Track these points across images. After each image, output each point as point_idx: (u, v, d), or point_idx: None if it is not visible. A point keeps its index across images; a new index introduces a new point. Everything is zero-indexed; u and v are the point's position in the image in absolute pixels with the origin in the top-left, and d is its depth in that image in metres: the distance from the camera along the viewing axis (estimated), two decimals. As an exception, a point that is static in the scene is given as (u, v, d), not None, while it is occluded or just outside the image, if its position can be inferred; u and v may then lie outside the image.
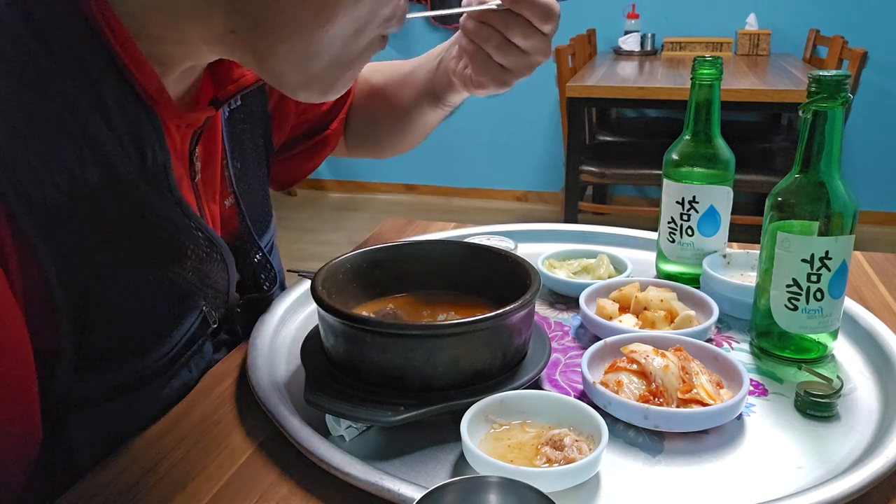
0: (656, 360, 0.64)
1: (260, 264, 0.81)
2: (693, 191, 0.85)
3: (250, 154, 0.81)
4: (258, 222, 0.82)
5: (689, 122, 0.86)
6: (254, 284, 0.81)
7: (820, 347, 0.73)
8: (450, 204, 4.38)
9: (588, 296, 0.81)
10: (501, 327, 0.63)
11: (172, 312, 0.66)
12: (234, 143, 0.77)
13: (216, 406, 0.68)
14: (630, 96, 2.85)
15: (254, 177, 0.82)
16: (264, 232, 0.83)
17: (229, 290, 0.74)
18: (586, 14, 3.92)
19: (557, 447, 0.56)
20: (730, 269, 0.87)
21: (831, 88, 0.66)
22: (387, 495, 0.53)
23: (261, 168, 0.84)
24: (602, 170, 2.96)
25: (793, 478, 0.57)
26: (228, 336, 0.77)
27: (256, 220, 0.81)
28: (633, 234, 1.04)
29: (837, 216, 0.68)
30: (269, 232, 0.84)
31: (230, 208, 0.77)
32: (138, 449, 0.62)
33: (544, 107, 4.08)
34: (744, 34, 3.65)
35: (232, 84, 0.69)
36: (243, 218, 0.78)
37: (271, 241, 0.85)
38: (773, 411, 0.65)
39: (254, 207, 0.81)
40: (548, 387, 0.70)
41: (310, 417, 0.63)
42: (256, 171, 0.83)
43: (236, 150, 0.78)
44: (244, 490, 0.57)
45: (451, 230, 1.08)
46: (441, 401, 0.60)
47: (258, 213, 0.82)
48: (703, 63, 0.83)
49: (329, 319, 0.64)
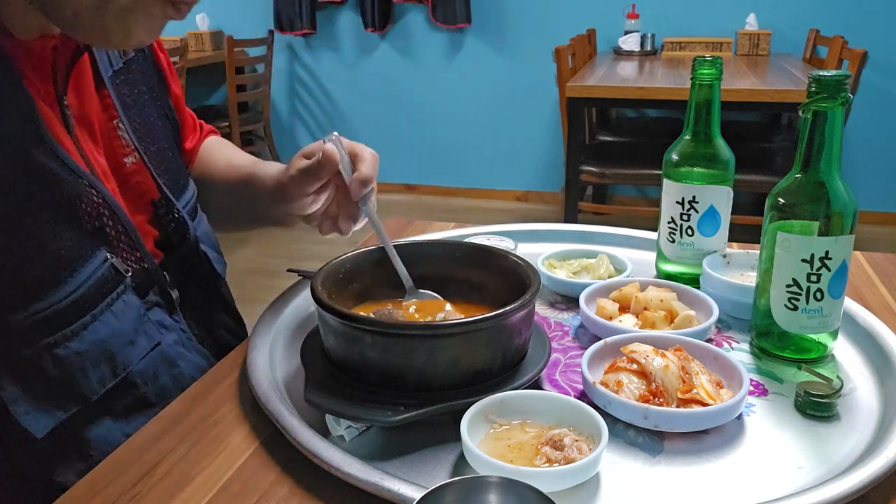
0: (656, 360, 0.64)
1: (181, 224, 0.83)
2: (693, 191, 0.85)
3: (152, 117, 0.84)
4: (174, 183, 0.84)
5: (689, 122, 0.86)
6: (179, 244, 0.83)
7: (820, 347, 0.73)
8: (450, 204, 4.38)
9: (588, 296, 0.81)
10: (501, 327, 0.63)
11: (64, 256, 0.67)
12: (126, 104, 0.79)
13: (216, 406, 0.68)
14: (630, 96, 2.84)
15: (161, 139, 0.84)
16: (181, 193, 0.85)
17: (135, 242, 0.75)
18: (586, 14, 3.92)
19: (557, 447, 0.56)
20: (730, 269, 0.87)
21: (831, 88, 0.66)
22: (387, 495, 0.53)
23: (167, 132, 0.87)
24: (602, 170, 2.96)
25: (793, 478, 0.57)
26: (161, 299, 0.79)
27: (171, 180, 0.83)
28: (633, 234, 1.04)
29: (837, 216, 0.68)
30: (188, 194, 0.86)
31: (135, 165, 0.79)
32: (138, 449, 0.63)
33: (544, 107, 4.09)
34: (744, 34, 3.64)
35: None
36: (153, 175, 0.80)
37: (191, 203, 0.87)
38: (773, 411, 0.65)
39: (164, 166, 0.83)
40: (548, 387, 0.70)
41: (310, 417, 0.63)
42: (163, 135, 0.85)
43: (133, 111, 0.80)
44: (244, 490, 0.57)
45: (451, 230, 1.08)
46: (441, 401, 0.60)
47: (172, 174, 0.84)
48: (703, 63, 0.83)
49: (329, 319, 0.64)
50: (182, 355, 0.80)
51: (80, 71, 0.74)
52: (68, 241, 0.67)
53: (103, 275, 0.70)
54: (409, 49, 4.29)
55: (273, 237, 3.84)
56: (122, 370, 0.72)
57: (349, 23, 4.32)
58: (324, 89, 4.48)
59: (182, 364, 0.79)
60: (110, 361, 0.70)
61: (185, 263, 0.84)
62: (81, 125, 0.73)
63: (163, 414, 0.68)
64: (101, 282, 0.70)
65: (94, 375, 0.69)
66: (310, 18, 4.28)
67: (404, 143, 4.43)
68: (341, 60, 4.40)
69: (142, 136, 0.81)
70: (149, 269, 0.77)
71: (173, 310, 0.81)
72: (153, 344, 0.75)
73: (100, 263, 0.70)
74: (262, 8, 4.36)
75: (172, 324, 0.80)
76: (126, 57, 0.81)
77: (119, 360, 0.71)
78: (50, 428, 0.66)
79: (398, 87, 4.34)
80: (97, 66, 0.76)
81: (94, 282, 0.69)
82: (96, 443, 0.71)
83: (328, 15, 4.34)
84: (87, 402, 0.69)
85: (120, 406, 0.73)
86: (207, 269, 0.89)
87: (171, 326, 0.80)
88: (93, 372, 0.69)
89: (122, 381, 0.72)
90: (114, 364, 0.71)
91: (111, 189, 0.74)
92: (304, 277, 0.88)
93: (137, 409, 0.74)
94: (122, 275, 0.72)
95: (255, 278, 3.33)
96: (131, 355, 0.73)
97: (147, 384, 0.75)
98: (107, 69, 0.78)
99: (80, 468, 0.69)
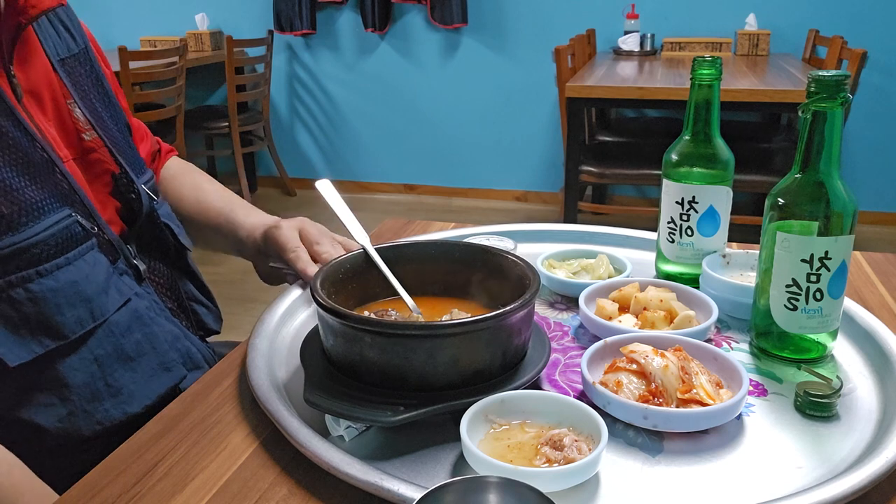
0: (656, 360, 0.64)
1: (140, 198, 0.88)
2: (693, 191, 0.85)
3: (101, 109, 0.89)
4: (133, 164, 0.90)
5: (689, 122, 0.86)
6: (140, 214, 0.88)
7: (819, 347, 0.73)
8: (450, 204, 4.38)
9: (588, 296, 0.81)
10: (501, 327, 0.63)
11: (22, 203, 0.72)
12: (77, 88, 0.86)
13: (216, 406, 0.68)
14: (630, 96, 2.84)
15: (112, 127, 0.90)
16: (140, 174, 0.91)
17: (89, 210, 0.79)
18: (586, 14, 3.92)
19: (557, 447, 0.56)
20: (729, 269, 0.87)
21: (831, 88, 0.66)
22: (386, 495, 0.53)
23: (118, 123, 0.92)
24: (602, 170, 2.96)
25: (793, 478, 0.57)
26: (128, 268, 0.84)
27: (129, 160, 0.89)
28: (632, 234, 1.04)
29: (837, 216, 0.68)
30: (145, 177, 0.92)
31: (93, 142, 0.85)
32: (138, 449, 0.63)
33: (544, 107, 4.09)
34: (743, 34, 3.64)
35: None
36: (111, 152, 0.86)
37: (150, 184, 0.92)
38: (772, 411, 0.66)
39: (119, 148, 0.88)
40: (547, 387, 0.70)
41: (310, 417, 0.63)
42: (113, 124, 0.90)
43: (85, 96, 0.86)
44: (244, 490, 0.57)
45: (451, 230, 1.08)
46: (441, 401, 0.60)
47: (130, 158, 0.90)
48: (703, 63, 0.83)
49: (329, 319, 0.64)
50: (154, 320, 0.84)
51: (28, 47, 0.80)
52: (28, 192, 0.73)
53: (69, 227, 0.75)
54: (409, 49, 4.28)
55: (273, 237, 3.83)
56: (99, 315, 0.77)
57: (349, 23, 4.31)
58: (323, 89, 4.48)
59: (155, 327, 0.83)
60: (86, 303, 0.75)
61: (148, 236, 0.90)
62: (30, 97, 0.78)
63: (163, 414, 0.68)
64: (69, 233, 0.75)
65: (69, 313, 0.74)
66: (310, 18, 4.28)
67: (404, 143, 4.43)
68: (341, 60, 4.40)
69: (97, 117, 0.86)
70: (110, 240, 0.82)
71: (141, 280, 0.86)
72: (125, 299, 0.80)
73: (63, 217, 0.75)
74: (261, 8, 4.36)
75: (143, 293, 0.85)
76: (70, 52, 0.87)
77: (95, 305, 0.76)
78: (24, 360, 0.71)
79: (398, 87, 4.34)
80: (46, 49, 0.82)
81: (59, 231, 0.74)
82: (77, 388, 0.75)
83: (328, 15, 4.34)
84: (65, 339, 0.74)
85: (101, 353, 0.77)
86: (171, 241, 0.93)
87: (142, 295, 0.84)
88: (68, 310, 0.74)
89: (102, 328, 0.77)
90: (91, 307, 0.76)
91: (63, 157, 0.79)
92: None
93: (118, 359, 0.79)
94: (89, 232, 0.78)
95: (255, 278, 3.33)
96: (107, 303, 0.78)
97: (124, 336, 0.79)
98: (55, 53, 0.84)
99: (61, 412, 0.75)
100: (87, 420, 0.76)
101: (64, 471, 0.71)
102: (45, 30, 0.84)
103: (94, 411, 0.77)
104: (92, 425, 0.76)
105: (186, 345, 0.88)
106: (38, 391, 0.74)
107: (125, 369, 0.79)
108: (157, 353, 0.82)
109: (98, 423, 0.77)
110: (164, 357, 0.83)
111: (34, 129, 0.76)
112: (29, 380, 0.73)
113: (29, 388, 0.74)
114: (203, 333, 0.99)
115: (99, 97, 0.90)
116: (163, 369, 0.83)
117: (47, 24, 0.86)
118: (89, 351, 0.76)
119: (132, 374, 0.80)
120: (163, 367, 0.83)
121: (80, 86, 0.86)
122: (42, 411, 0.74)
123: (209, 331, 1.00)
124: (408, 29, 4.26)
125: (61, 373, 0.74)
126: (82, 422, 0.76)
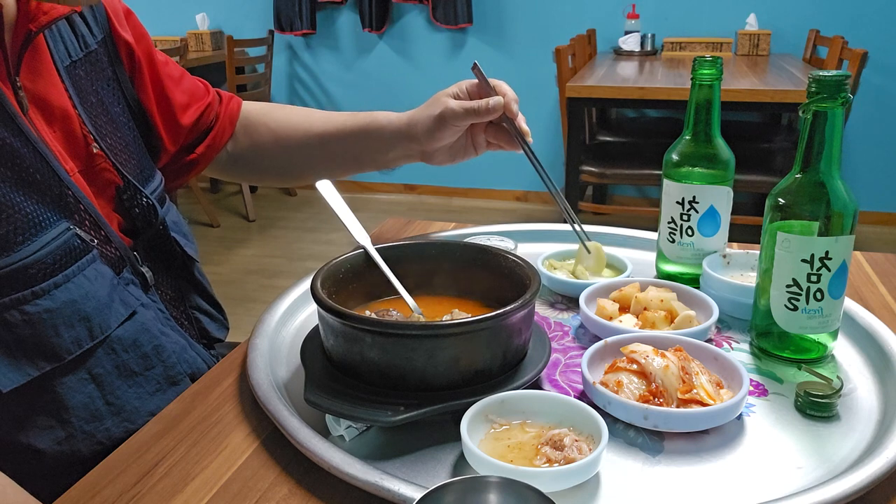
0: (656, 360, 0.64)
1: (147, 210, 0.86)
2: (693, 191, 0.85)
3: (115, 108, 0.87)
4: (138, 173, 0.87)
5: (689, 122, 0.86)
6: (145, 230, 0.86)
7: (820, 347, 0.73)
8: (450, 204, 4.38)
9: (588, 296, 0.81)
10: (501, 327, 0.63)
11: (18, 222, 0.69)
12: (83, 95, 0.82)
13: (216, 406, 0.68)
14: (630, 96, 2.84)
15: (124, 130, 0.87)
16: (148, 181, 0.89)
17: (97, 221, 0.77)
18: (586, 14, 3.92)
19: (557, 447, 0.56)
20: (730, 270, 0.87)
21: (831, 88, 0.66)
22: (386, 495, 0.53)
23: (131, 129, 0.89)
24: (602, 170, 2.96)
25: (793, 478, 0.57)
26: (134, 277, 0.82)
27: (134, 169, 0.86)
28: (633, 234, 1.04)
29: (837, 216, 0.68)
30: (154, 184, 0.90)
31: (100, 153, 0.82)
32: (138, 449, 0.63)
33: (544, 107, 4.08)
34: (744, 34, 3.64)
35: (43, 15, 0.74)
36: (114, 164, 0.83)
37: (158, 191, 0.90)
38: (773, 411, 0.66)
39: (126, 156, 0.86)
40: (548, 387, 0.70)
41: (310, 417, 0.63)
42: (126, 127, 0.88)
43: (91, 103, 0.83)
44: (244, 490, 0.57)
45: (451, 230, 1.08)
46: (441, 401, 0.60)
47: (134, 165, 0.87)
48: (703, 63, 0.83)
49: (329, 319, 0.64)
50: (163, 331, 0.82)
51: (37, 56, 0.77)
52: (26, 208, 0.70)
53: (67, 242, 0.72)
54: (409, 49, 4.29)
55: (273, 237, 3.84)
56: (99, 332, 0.74)
57: (349, 23, 4.32)
58: (324, 89, 4.48)
59: (163, 338, 0.81)
60: (85, 322, 0.72)
61: (154, 249, 0.88)
62: (36, 107, 0.75)
63: (163, 414, 0.68)
64: (67, 248, 0.72)
65: (66, 334, 0.71)
66: (310, 18, 4.28)
67: (404, 143, 4.42)
68: (341, 60, 4.40)
69: (100, 126, 0.83)
70: (117, 248, 0.80)
71: (147, 288, 0.83)
72: (130, 311, 0.77)
73: (62, 231, 0.72)
74: (262, 8, 4.36)
75: (149, 303, 0.83)
76: (87, 49, 0.84)
77: (95, 322, 0.73)
78: (18, 383, 0.68)
79: (398, 87, 4.34)
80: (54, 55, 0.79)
81: (57, 247, 0.71)
82: (76, 409, 0.73)
83: (328, 15, 4.34)
84: (61, 360, 0.71)
85: (101, 372, 0.74)
86: (178, 252, 0.91)
87: (148, 305, 0.82)
88: (65, 331, 0.71)
89: (102, 347, 0.74)
90: (90, 325, 0.73)
91: (69, 169, 0.76)
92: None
93: (119, 376, 0.76)
94: (88, 244, 0.75)
95: (255, 278, 3.33)
96: (109, 319, 0.74)
97: (128, 352, 0.77)
98: (63, 59, 0.80)
99: (60, 435, 0.72)
100: (88, 441, 0.73)
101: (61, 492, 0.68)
102: (55, 34, 0.80)
103: (94, 431, 0.74)
104: (92, 446, 0.74)
105: (192, 355, 0.86)
106: (35, 414, 0.71)
107: (128, 385, 0.76)
108: (164, 366, 0.80)
109: (98, 443, 0.74)
110: (172, 370, 0.81)
111: (39, 141, 0.73)
112: (25, 402, 0.70)
113: (25, 410, 0.71)
114: (206, 342, 0.97)
115: (115, 93, 0.87)
116: (169, 383, 0.80)
117: (65, 24, 0.82)
118: (87, 370, 0.73)
119: (137, 390, 0.77)
120: (169, 381, 0.80)
121: (84, 93, 0.83)
122: (39, 434, 0.71)
123: (213, 339, 0.98)
124: (408, 28, 4.26)
125: (59, 394, 0.71)
126: (82, 444, 0.73)
